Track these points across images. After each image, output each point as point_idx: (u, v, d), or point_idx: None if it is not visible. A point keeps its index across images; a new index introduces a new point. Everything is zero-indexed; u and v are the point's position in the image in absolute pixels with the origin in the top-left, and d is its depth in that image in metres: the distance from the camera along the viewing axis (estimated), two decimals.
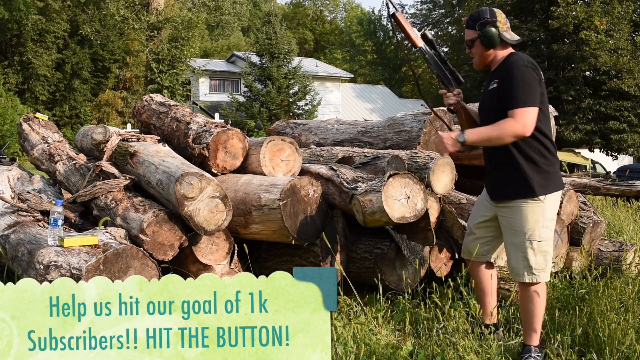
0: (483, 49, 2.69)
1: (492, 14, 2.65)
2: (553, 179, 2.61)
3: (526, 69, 2.54)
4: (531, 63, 2.58)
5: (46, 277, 2.60)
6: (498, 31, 2.64)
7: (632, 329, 2.72)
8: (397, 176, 2.86)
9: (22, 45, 28.91)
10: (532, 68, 2.55)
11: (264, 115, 22.10)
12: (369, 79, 40.36)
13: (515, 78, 2.54)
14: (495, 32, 2.63)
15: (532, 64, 2.57)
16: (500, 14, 2.67)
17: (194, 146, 3.60)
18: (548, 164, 2.60)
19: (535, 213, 2.59)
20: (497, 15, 2.65)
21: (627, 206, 6.42)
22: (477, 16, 2.68)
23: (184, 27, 20.62)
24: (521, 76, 2.53)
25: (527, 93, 2.51)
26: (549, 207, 2.60)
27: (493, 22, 2.63)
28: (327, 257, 3.29)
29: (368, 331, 2.80)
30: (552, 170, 2.62)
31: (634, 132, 21.53)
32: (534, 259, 2.60)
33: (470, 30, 2.71)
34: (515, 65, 2.57)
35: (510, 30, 2.71)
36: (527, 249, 2.60)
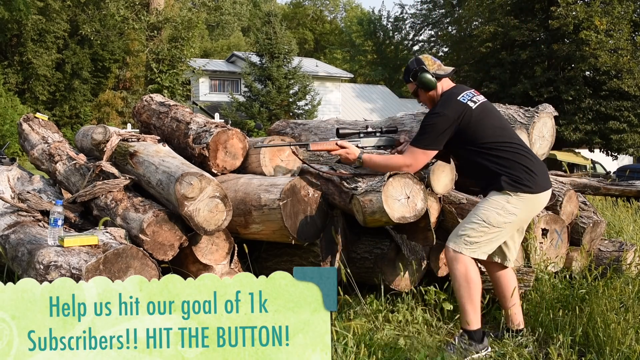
0: (425, 93, 2.97)
1: (418, 62, 2.95)
2: (525, 182, 2.72)
3: (436, 117, 2.82)
4: (446, 108, 2.81)
5: (46, 277, 2.60)
6: (430, 73, 2.92)
7: (632, 329, 2.72)
8: (397, 176, 2.86)
9: (22, 45, 28.92)
10: (443, 114, 2.79)
11: (264, 115, 22.10)
12: (369, 79, 40.37)
13: (424, 120, 2.89)
14: (427, 76, 2.91)
15: (445, 109, 2.80)
16: (427, 58, 2.97)
17: (194, 146, 3.60)
18: (513, 171, 2.74)
19: (497, 201, 2.74)
20: (423, 60, 2.95)
21: (627, 206, 6.42)
22: (408, 69, 2.99)
23: (184, 27, 20.62)
24: (427, 121, 2.86)
25: (424, 136, 2.84)
26: (514, 202, 2.72)
27: (422, 68, 2.92)
28: (327, 257, 3.29)
29: (368, 331, 2.80)
30: (523, 175, 2.73)
31: (634, 132, 21.52)
32: (469, 231, 2.73)
33: (409, 84, 3.03)
34: (431, 112, 2.90)
35: (442, 65, 2.98)
36: (471, 221, 2.75)
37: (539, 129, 3.80)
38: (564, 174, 5.13)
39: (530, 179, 2.73)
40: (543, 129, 3.82)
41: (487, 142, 2.78)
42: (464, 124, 2.79)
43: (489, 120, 2.83)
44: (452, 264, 2.75)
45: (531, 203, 2.76)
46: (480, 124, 2.80)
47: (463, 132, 2.80)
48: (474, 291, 2.70)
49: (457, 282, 2.73)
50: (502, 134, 2.82)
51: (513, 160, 2.76)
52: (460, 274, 2.71)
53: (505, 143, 2.79)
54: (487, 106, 2.90)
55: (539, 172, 2.79)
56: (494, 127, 2.82)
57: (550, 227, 3.72)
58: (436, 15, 31.08)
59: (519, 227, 2.89)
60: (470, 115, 2.79)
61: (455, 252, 2.74)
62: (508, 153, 2.77)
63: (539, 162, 2.88)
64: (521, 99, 20.51)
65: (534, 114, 3.81)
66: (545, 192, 2.80)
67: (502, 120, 2.95)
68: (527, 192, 2.72)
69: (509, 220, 2.73)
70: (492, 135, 2.79)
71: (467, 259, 2.73)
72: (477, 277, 2.73)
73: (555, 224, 3.75)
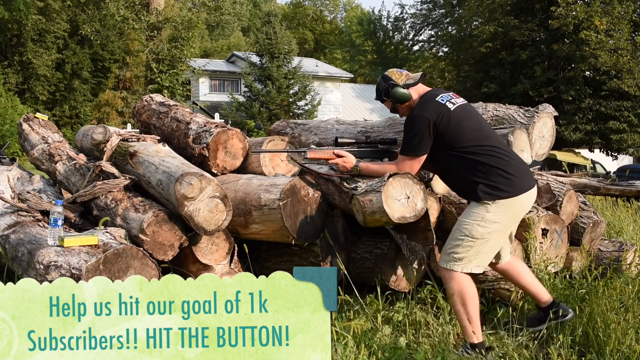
0: (402, 105, 2.98)
1: (386, 79, 2.97)
2: (502, 187, 2.70)
3: (416, 120, 2.80)
4: (424, 110, 2.79)
5: (46, 277, 2.60)
6: (400, 86, 2.92)
7: (632, 329, 2.72)
8: (397, 176, 2.86)
9: (22, 45, 28.91)
10: (422, 116, 2.77)
11: (264, 115, 22.09)
12: (369, 79, 40.33)
13: (405, 126, 2.89)
14: (399, 90, 2.91)
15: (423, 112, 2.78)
16: (393, 72, 2.99)
17: (194, 146, 3.60)
18: (490, 177, 2.71)
19: (477, 212, 2.72)
20: (390, 76, 2.97)
21: (627, 206, 6.42)
22: (378, 90, 3.02)
23: (184, 27, 20.62)
24: (407, 126, 2.86)
25: (410, 142, 2.84)
26: (494, 210, 2.70)
27: (392, 84, 2.93)
28: (327, 257, 3.29)
29: (368, 331, 2.80)
30: (500, 180, 2.71)
31: (634, 132, 21.51)
32: (456, 248, 2.73)
33: (385, 102, 3.04)
34: (409, 116, 2.88)
35: (409, 73, 2.99)
36: (456, 237, 2.75)
37: (539, 129, 3.80)
38: (564, 174, 5.13)
39: (507, 183, 2.70)
40: (543, 129, 3.82)
41: (465, 146, 2.75)
42: (443, 126, 2.76)
43: (468, 123, 2.80)
44: (446, 282, 2.77)
45: (512, 207, 2.73)
46: (459, 126, 2.77)
47: (441, 135, 2.77)
48: (470, 307, 2.70)
49: (453, 299, 2.73)
50: (480, 136, 2.79)
51: (490, 165, 2.72)
52: (454, 291, 2.72)
53: (483, 147, 2.76)
54: (466, 107, 2.87)
55: (519, 173, 2.75)
56: (473, 130, 2.79)
57: (550, 227, 3.72)
58: (436, 15, 31.06)
59: (508, 231, 2.84)
60: (449, 117, 2.76)
61: (447, 271, 2.75)
62: (486, 157, 2.73)
63: (519, 162, 2.83)
64: (521, 99, 20.50)
65: (534, 114, 3.81)
66: (526, 194, 2.76)
67: (481, 123, 2.91)
68: (505, 197, 2.70)
69: (492, 229, 2.71)
70: (470, 138, 2.76)
71: (461, 275, 2.72)
72: (472, 292, 2.72)
73: (555, 224, 3.75)
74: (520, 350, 2.73)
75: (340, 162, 3.09)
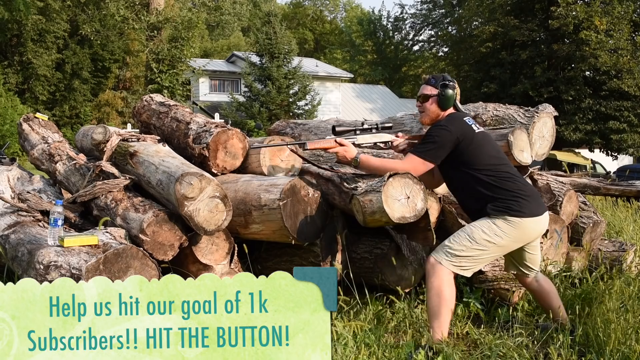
0: (436, 106, 2.98)
1: (452, 81, 2.98)
2: (512, 206, 2.76)
3: (440, 129, 2.86)
4: (451, 124, 2.85)
5: (46, 277, 2.60)
6: (455, 95, 2.95)
7: (632, 329, 2.72)
8: (397, 176, 2.86)
9: (22, 45, 28.90)
10: (448, 129, 2.83)
11: (264, 115, 22.09)
12: (369, 79, 40.35)
13: (428, 131, 2.93)
14: (450, 92, 2.94)
15: (450, 126, 2.84)
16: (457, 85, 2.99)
17: (194, 146, 3.60)
18: (501, 195, 2.79)
19: (485, 221, 2.79)
20: (455, 84, 2.98)
21: (627, 206, 6.42)
22: (442, 77, 2.99)
23: (184, 27, 20.62)
24: (431, 132, 2.90)
25: (426, 147, 2.87)
26: (501, 224, 2.76)
27: (453, 86, 2.95)
28: (327, 257, 3.29)
29: (368, 331, 2.80)
30: (510, 201, 2.77)
31: (634, 132, 21.52)
32: (452, 243, 2.78)
33: (429, 87, 3.00)
34: (436, 125, 2.92)
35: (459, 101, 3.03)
36: (457, 235, 2.81)
37: (539, 129, 3.80)
38: (564, 174, 5.13)
39: (519, 204, 2.77)
40: (543, 129, 3.82)
41: (481, 168, 2.83)
42: (464, 145, 2.83)
43: (487, 148, 2.88)
44: (429, 275, 2.78)
45: (519, 228, 2.77)
46: (479, 149, 2.85)
47: (461, 153, 2.84)
48: (443, 308, 2.71)
49: (429, 295, 2.75)
50: (497, 162, 2.87)
51: (502, 188, 2.80)
52: (433, 287, 2.73)
53: (499, 171, 2.83)
54: (487, 135, 2.97)
55: (530, 198, 2.83)
56: (490, 156, 2.87)
57: (550, 227, 3.72)
58: (436, 15, 31.07)
59: (508, 250, 2.87)
60: (472, 138, 2.84)
61: (434, 262, 2.77)
62: (499, 180, 2.81)
63: (531, 189, 2.93)
64: (521, 99, 20.50)
65: (534, 114, 3.81)
66: (537, 218, 2.81)
67: (500, 151, 3.00)
68: (515, 215, 2.75)
69: (493, 240, 2.75)
70: (487, 162, 2.84)
71: (445, 272, 2.74)
72: (450, 295, 2.73)
73: (555, 224, 3.75)
74: (520, 350, 2.73)
75: (341, 150, 3.05)
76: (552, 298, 3.02)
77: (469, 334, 3.05)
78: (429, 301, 2.74)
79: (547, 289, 3.03)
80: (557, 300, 3.04)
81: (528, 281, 3.04)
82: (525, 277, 3.03)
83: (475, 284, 3.43)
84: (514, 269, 3.03)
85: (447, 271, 2.75)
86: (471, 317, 3.21)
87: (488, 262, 2.91)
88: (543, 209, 2.89)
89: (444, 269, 2.75)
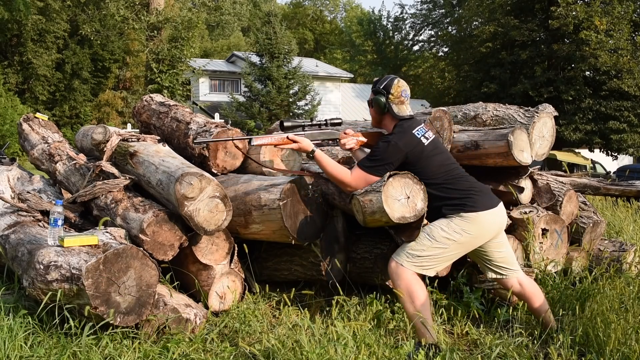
0: (384, 119, 3.00)
1: (387, 86, 2.94)
2: (466, 202, 2.82)
3: (388, 145, 2.86)
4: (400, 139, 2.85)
5: (46, 277, 2.60)
6: (387, 102, 2.94)
7: (632, 329, 2.71)
8: (397, 176, 2.86)
9: (22, 45, 28.90)
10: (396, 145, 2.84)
11: (264, 115, 22.09)
12: (369, 79, 40.31)
13: (376, 145, 2.94)
14: (382, 101, 2.94)
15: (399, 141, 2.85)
16: (397, 87, 2.94)
17: (194, 146, 3.60)
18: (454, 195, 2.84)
19: (442, 221, 2.84)
20: (393, 86, 2.94)
21: (627, 206, 6.42)
22: (375, 81, 3.02)
23: (184, 27, 20.60)
24: (378, 147, 2.90)
25: (373, 162, 2.87)
26: (457, 222, 2.80)
27: (383, 92, 2.94)
28: (327, 257, 3.29)
29: (368, 331, 2.80)
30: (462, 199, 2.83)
31: (634, 132, 21.49)
32: (413, 244, 2.81)
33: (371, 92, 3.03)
34: (386, 139, 2.91)
35: (405, 103, 2.97)
36: (419, 236, 2.82)
37: (539, 129, 3.80)
38: (564, 174, 5.13)
39: (472, 200, 2.82)
40: (543, 129, 3.82)
41: (432, 176, 2.87)
42: (414, 159, 2.87)
43: (438, 157, 2.91)
44: (394, 279, 2.80)
45: (477, 222, 2.81)
46: (429, 160, 2.88)
47: (411, 165, 2.88)
48: (420, 306, 2.72)
49: (402, 300, 2.76)
50: (447, 167, 2.92)
51: (456, 189, 2.86)
52: (402, 289, 2.76)
53: (450, 175, 2.89)
54: (436, 143, 2.97)
55: (482, 192, 2.89)
56: (441, 164, 2.91)
57: (550, 227, 3.72)
58: (436, 15, 31.04)
59: (470, 246, 2.89)
60: (421, 151, 2.87)
61: (396, 264, 2.79)
62: (451, 181, 2.87)
63: (481, 186, 2.97)
64: (521, 99, 20.49)
65: (534, 114, 3.81)
66: (492, 210, 2.85)
67: (449, 157, 3.02)
68: (470, 211, 2.80)
69: (453, 237, 2.79)
70: (437, 171, 2.88)
71: (408, 274, 2.76)
72: (421, 291, 2.75)
73: (555, 224, 3.75)
74: (520, 350, 2.73)
75: (296, 147, 3.02)
76: (535, 301, 3.02)
77: (469, 334, 3.05)
78: (404, 304, 2.76)
79: (530, 291, 3.02)
80: (541, 302, 3.03)
81: (510, 284, 3.02)
82: (506, 280, 3.02)
83: (475, 284, 3.43)
84: (491, 272, 3.02)
85: (410, 272, 2.77)
86: (471, 317, 3.21)
87: (450, 260, 2.94)
88: (496, 201, 2.93)
89: (406, 270, 2.77)
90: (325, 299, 3.30)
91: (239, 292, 3.30)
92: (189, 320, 2.87)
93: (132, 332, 2.69)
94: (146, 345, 2.65)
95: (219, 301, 3.22)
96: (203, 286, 3.18)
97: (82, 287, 2.48)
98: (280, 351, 2.51)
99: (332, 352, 2.43)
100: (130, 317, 2.61)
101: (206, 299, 3.18)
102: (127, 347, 2.59)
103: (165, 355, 2.57)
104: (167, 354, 2.57)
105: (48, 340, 2.62)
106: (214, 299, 3.21)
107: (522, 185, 3.72)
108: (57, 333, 2.63)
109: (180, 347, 2.63)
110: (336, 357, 2.45)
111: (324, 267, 3.27)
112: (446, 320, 3.15)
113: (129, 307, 2.61)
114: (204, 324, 2.95)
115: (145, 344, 2.65)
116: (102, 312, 2.52)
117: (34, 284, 2.65)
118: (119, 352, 2.54)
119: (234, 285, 3.28)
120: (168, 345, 2.63)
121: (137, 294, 2.63)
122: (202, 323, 2.94)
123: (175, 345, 2.63)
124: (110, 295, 2.55)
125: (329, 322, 2.74)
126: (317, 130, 3.17)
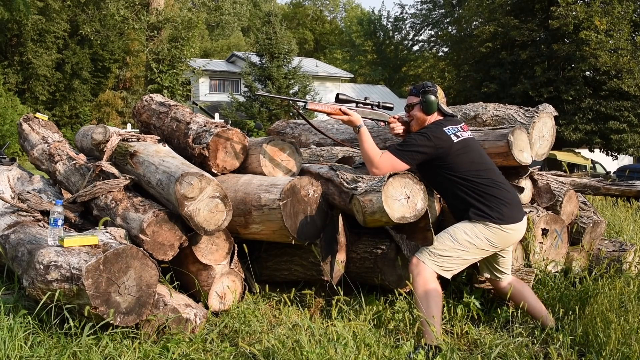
0: (420, 112, 3.08)
1: (433, 86, 3.09)
2: (493, 213, 2.85)
3: (420, 135, 2.98)
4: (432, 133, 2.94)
5: (46, 277, 2.60)
6: (437, 100, 3.05)
7: (632, 329, 2.71)
8: (397, 176, 2.86)
9: (22, 45, 28.92)
10: (427, 137, 2.94)
11: (264, 115, 22.10)
12: (369, 79, 40.36)
13: (409, 134, 3.09)
14: (433, 99, 3.04)
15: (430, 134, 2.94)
16: (440, 89, 3.10)
17: (194, 146, 3.60)
18: (483, 201, 2.88)
19: (466, 223, 2.89)
20: (437, 89, 3.08)
21: (627, 206, 6.42)
22: (422, 85, 3.11)
23: (184, 27, 20.61)
24: (412, 135, 3.04)
25: (404, 147, 2.98)
26: (481, 229, 2.85)
27: (434, 91, 3.05)
28: (327, 257, 3.29)
29: (368, 331, 2.80)
30: (492, 207, 2.86)
31: (634, 132, 21.49)
32: (435, 243, 2.85)
33: (412, 97, 3.13)
34: (420, 131, 3.02)
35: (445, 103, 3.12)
36: (439, 236, 2.88)
37: (539, 129, 3.80)
38: (564, 174, 5.13)
39: (499, 211, 2.85)
40: (543, 129, 3.82)
41: (461, 174, 2.91)
42: (442, 154, 2.93)
43: (469, 155, 2.96)
44: (413, 275, 2.83)
45: (500, 234, 2.86)
46: (458, 157, 2.93)
47: (440, 160, 2.94)
48: (433, 306, 2.74)
49: (417, 296, 2.79)
50: (479, 168, 2.95)
51: (485, 194, 2.88)
52: (419, 286, 2.78)
53: (481, 177, 2.91)
54: (469, 142, 3.00)
55: (510, 205, 2.91)
56: (472, 162, 2.95)
57: (550, 227, 3.72)
58: (436, 15, 31.06)
59: (489, 253, 2.94)
60: (449, 147, 2.93)
61: (417, 261, 2.83)
62: (482, 186, 2.90)
63: (513, 195, 2.99)
64: (521, 99, 20.49)
65: (534, 114, 3.81)
66: (516, 225, 2.90)
67: (483, 157, 3.05)
68: (495, 222, 2.84)
69: (474, 242, 2.84)
70: (467, 169, 2.93)
71: (428, 272, 2.80)
72: (436, 293, 2.78)
73: (555, 224, 3.75)
74: (520, 350, 2.73)
75: (346, 119, 3.17)
76: (527, 297, 3.06)
77: (468, 334, 3.05)
78: (418, 302, 2.78)
79: (519, 289, 3.08)
80: (533, 299, 3.08)
81: (501, 286, 3.10)
82: (498, 282, 3.10)
83: (475, 284, 3.43)
84: (488, 272, 3.11)
85: (430, 270, 2.81)
86: (471, 317, 3.21)
87: (467, 264, 2.96)
88: (522, 214, 2.97)
89: (427, 267, 2.81)
90: (325, 299, 3.30)
91: (239, 292, 3.30)
92: (189, 320, 2.86)
93: (132, 332, 2.69)
94: (146, 345, 2.65)
95: (219, 301, 3.22)
96: (203, 286, 3.18)
97: (82, 287, 2.48)
98: (280, 351, 2.51)
99: (332, 352, 2.43)
100: (130, 317, 2.61)
101: (206, 299, 3.18)
102: (127, 347, 2.59)
103: (165, 355, 2.57)
104: (167, 354, 2.57)
105: (48, 340, 2.62)
106: (214, 299, 3.21)
107: (522, 185, 3.73)
108: (57, 333, 2.63)
109: (180, 347, 2.63)
110: (336, 357, 2.45)
111: (324, 267, 3.27)
112: (446, 320, 3.14)
113: (129, 307, 2.61)
114: (204, 324, 2.95)
115: (145, 344, 2.65)
116: (102, 312, 2.52)
117: (34, 284, 2.65)
118: (119, 352, 2.54)
119: (234, 285, 3.28)
120: (168, 345, 2.63)
121: (137, 294, 2.63)
122: (202, 323, 2.94)
123: (175, 345, 2.63)
124: (110, 295, 2.55)
125: (329, 322, 2.74)
126: (368, 109, 3.33)
